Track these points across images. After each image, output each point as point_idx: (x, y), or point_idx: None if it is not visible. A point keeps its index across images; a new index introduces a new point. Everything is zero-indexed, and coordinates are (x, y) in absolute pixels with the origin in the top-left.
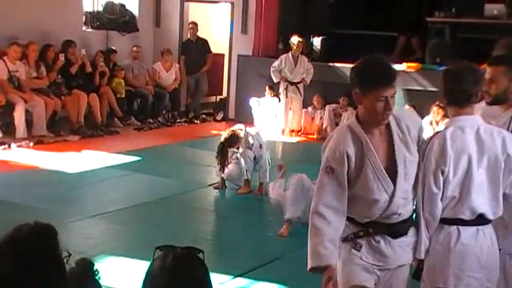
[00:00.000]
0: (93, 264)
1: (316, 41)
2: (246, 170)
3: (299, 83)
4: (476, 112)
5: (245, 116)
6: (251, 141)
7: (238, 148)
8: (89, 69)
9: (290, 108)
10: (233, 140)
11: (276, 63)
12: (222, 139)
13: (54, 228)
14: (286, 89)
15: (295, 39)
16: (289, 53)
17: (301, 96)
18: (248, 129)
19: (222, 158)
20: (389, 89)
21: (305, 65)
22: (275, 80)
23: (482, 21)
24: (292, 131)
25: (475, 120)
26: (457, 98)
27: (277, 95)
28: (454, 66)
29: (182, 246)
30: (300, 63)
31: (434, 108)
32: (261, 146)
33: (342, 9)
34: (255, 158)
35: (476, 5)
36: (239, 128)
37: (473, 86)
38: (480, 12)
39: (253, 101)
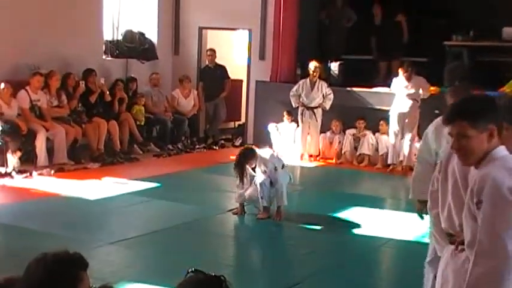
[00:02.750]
0: None
1: (334, 66)
2: (261, 198)
3: (316, 108)
4: None
5: (264, 141)
6: (263, 168)
7: (254, 167)
8: (108, 97)
9: (308, 133)
10: (249, 155)
11: (295, 88)
12: (238, 156)
13: (82, 258)
14: (302, 113)
15: (312, 65)
16: (307, 78)
17: (316, 121)
18: (261, 151)
19: (240, 171)
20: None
21: (324, 90)
22: (294, 105)
23: (500, 45)
24: (311, 155)
25: None
26: None
27: (295, 120)
28: None
29: (209, 272)
30: (316, 89)
31: None
32: (275, 169)
33: (360, 35)
34: (271, 183)
35: (494, 28)
36: (254, 148)
37: None
38: (498, 36)
39: (271, 127)
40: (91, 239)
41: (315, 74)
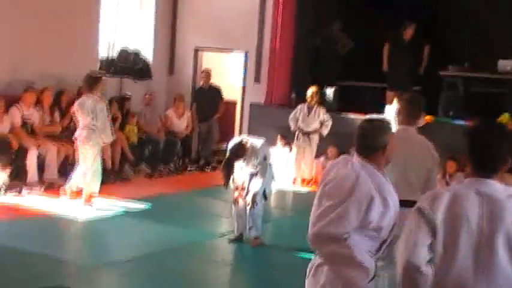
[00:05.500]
0: None
1: (329, 92)
2: (250, 228)
3: (311, 133)
4: None
5: None
6: (253, 160)
7: (244, 160)
8: None
9: (303, 157)
10: (240, 152)
11: (294, 111)
12: (228, 153)
13: None
14: (297, 138)
15: (309, 91)
16: (306, 103)
17: (310, 146)
18: (252, 140)
19: (228, 171)
20: None
21: (321, 116)
22: (292, 129)
23: (495, 77)
24: (303, 180)
25: None
26: None
27: (289, 143)
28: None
29: None
30: (313, 114)
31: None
32: (265, 159)
33: (355, 61)
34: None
35: (489, 60)
36: (244, 140)
37: None
38: (493, 67)
39: None
40: (80, 260)
41: (311, 99)
